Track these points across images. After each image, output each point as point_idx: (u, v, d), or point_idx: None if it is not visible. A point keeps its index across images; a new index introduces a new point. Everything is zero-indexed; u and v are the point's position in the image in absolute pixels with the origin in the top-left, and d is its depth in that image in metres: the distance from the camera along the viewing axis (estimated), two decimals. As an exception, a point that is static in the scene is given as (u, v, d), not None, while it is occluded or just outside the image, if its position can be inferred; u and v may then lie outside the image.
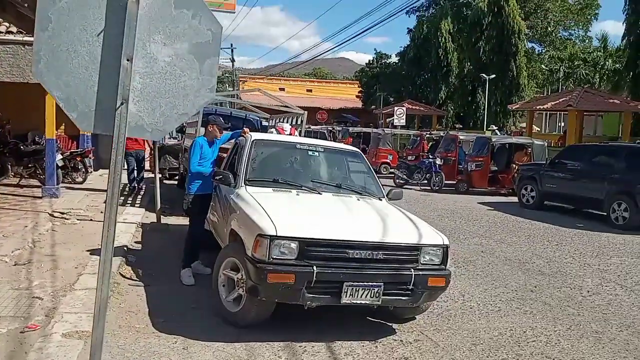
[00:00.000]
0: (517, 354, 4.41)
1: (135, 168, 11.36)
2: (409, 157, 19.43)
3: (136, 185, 11.39)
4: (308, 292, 4.14)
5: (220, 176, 5.30)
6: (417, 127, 35.13)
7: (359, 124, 42.61)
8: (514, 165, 15.37)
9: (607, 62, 33.28)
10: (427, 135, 21.08)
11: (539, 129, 37.12)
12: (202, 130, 7.27)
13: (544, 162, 13.54)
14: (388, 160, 21.34)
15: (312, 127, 31.20)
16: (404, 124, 28.22)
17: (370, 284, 4.23)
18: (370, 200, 5.37)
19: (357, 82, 51.33)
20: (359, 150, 6.45)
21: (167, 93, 2.83)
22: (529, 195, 13.25)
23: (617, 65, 29.78)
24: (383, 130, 23.90)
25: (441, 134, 20.37)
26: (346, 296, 4.19)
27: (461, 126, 33.40)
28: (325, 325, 4.65)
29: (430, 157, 17.18)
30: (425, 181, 16.74)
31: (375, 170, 21.40)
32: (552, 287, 6.45)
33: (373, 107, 43.84)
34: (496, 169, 16.22)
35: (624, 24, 21.47)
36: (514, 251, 8.32)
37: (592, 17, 41.26)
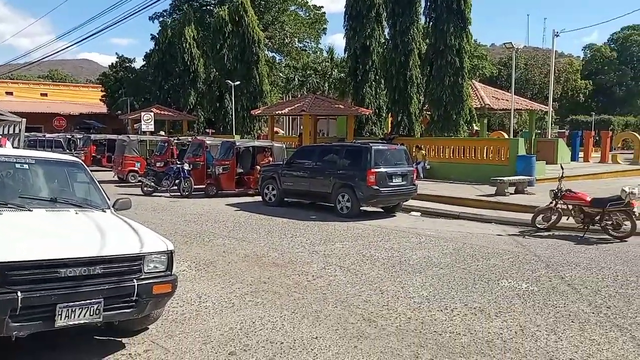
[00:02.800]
0: (244, 344, 4.69)
1: None
2: (157, 164, 18.94)
3: None
4: (13, 320, 3.72)
5: None
6: (167, 132, 34.48)
7: (105, 130, 39.90)
8: (258, 167, 16.29)
9: (333, 72, 37.73)
10: (175, 141, 20.85)
11: (282, 132, 40.11)
12: None
13: (282, 162, 14.69)
14: (136, 168, 20.45)
15: (48, 135, 28.03)
16: (153, 129, 27.44)
17: (88, 301, 4.00)
18: (91, 213, 5.06)
19: (101, 85, 47.86)
20: (79, 160, 6.03)
21: None
22: (270, 194, 14.21)
23: (342, 74, 34.00)
24: (128, 136, 22.78)
25: (189, 140, 20.37)
26: (61, 318, 3.89)
27: (213, 131, 33.98)
28: (42, 349, 4.24)
29: (179, 162, 17.05)
30: (175, 187, 16.56)
31: (122, 179, 20.55)
32: (283, 276, 7.04)
33: (119, 112, 41.50)
34: (242, 171, 16.94)
35: (344, 38, 24.63)
36: (253, 247, 8.82)
37: (322, 31, 46.39)
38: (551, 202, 10.68)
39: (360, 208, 12.39)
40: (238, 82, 29.03)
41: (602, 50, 63.03)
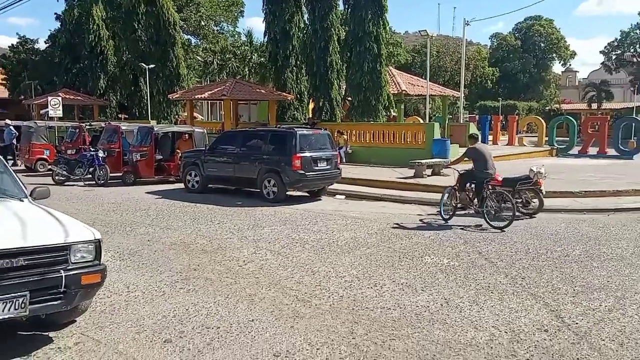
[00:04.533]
0: (180, 331, 4.63)
1: None
2: (69, 151, 17.89)
3: None
4: None
5: None
6: (77, 118, 32.54)
7: (6, 116, 36.95)
8: (179, 153, 15.84)
9: (253, 56, 37.24)
10: (87, 127, 19.74)
11: (202, 117, 39.18)
12: None
13: (204, 148, 14.40)
14: (45, 156, 19.20)
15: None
16: (61, 115, 25.79)
17: (12, 295, 3.78)
18: (8, 203, 4.73)
19: (1, 68, 44.09)
20: (-11, 147, 5.60)
21: None
22: (193, 181, 13.90)
23: (262, 59, 33.64)
24: (35, 122, 21.27)
25: (102, 125, 19.37)
26: (-18, 314, 3.65)
27: (127, 116, 32.48)
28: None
29: (92, 149, 16.21)
30: (90, 175, 15.75)
31: (30, 168, 19.20)
32: (214, 262, 6.97)
33: (22, 97, 38.57)
34: (161, 157, 16.41)
35: (264, 22, 24.35)
36: (179, 235, 8.63)
37: (239, 14, 45.54)
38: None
39: (287, 193, 12.44)
40: (153, 66, 27.92)
41: (507, 39, 66.81)
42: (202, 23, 39.44)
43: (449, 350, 4.30)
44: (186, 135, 16.80)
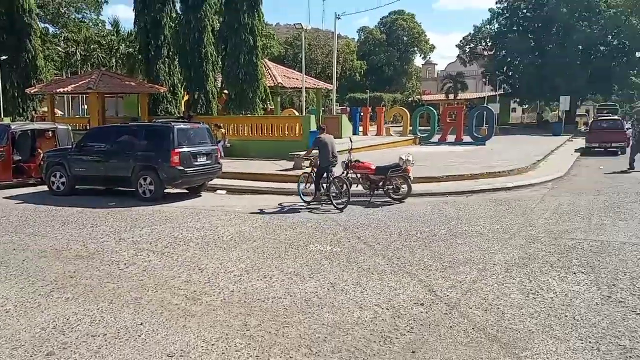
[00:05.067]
0: (62, 342, 4.38)
1: None
2: None
3: None
4: None
5: None
6: None
7: None
8: (40, 152, 14.58)
9: (120, 46, 35.11)
10: None
11: (62, 113, 36.19)
12: None
13: (70, 146, 13.41)
14: None
15: None
16: None
17: None
18: None
19: None
20: None
21: None
22: (59, 182, 12.91)
23: (131, 50, 31.84)
24: None
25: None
26: None
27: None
28: None
29: None
30: None
31: None
32: (92, 268, 6.61)
33: None
34: (20, 158, 14.99)
35: (134, 11, 23.05)
36: (48, 241, 8.03)
37: (103, 2, 42.60)
38: (342, 172, 11.82)
39: (165, 190, 12.07)
40: (6, 57, 25.20)
41: (373, 33, 70.28)
42: (62, 10, 36.22)
43: (339, 331, 4.58)
44: (49, 132, 15.50)
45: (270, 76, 25.41)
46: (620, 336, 4.43)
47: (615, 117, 30.00)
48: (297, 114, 29.25)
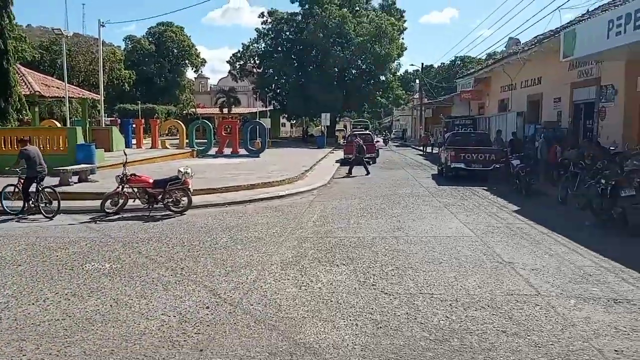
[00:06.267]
0: None
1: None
2: None
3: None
4: None
5: None
6: None
7: None
8: None
9: None
10: None
11: None
12: None
13: None
14: None
15: None
16: None
17: None
18: None
19: None
20: None
21: None
22: None
23: None
24: None
25: None
26: None
27: None
28: None
29: None
30: None
31: None
32: None
33: None
34: None
35: None
36: None
37: None
38: (118, 187, 11.40)
39: None
40: None
41: (142, 42, 67.72)
42: None
43: (126, 343, 4.59)
44: None
45: (26, 84, 22.76)
46: (373, 312, 5.38)
47: (367, 131, 34.66)
48: (59, 125, 26.67)
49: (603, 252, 7.77)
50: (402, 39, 51.47)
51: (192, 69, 74.57)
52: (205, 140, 28.96)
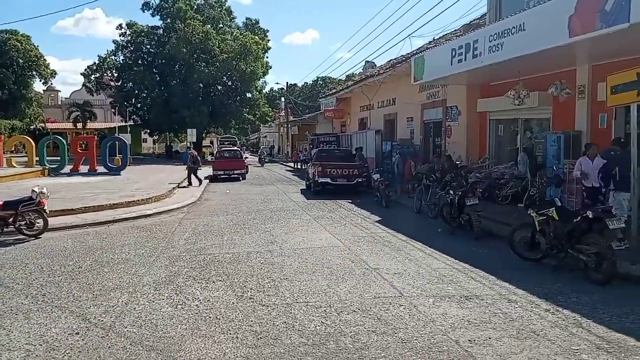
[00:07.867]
0: None
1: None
2: None
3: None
4: None
5: None
6: None
7: None
8: None
9: None
10: None
11: None
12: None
13: None
14: None
15: None
16: None
17: None
18: None
19: None
20: None
21: None
22: None
23: None
24: None
25: None
26: None
27: None
28: None
29: None
30: None
31: None
32: None
33: None
34: None
35: None
36: None
37: None
38: (-43, 211, 10.18)
39: None
40: None
41: (-22, 51, 60.60)
42: None
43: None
44: None
45: None
46: (252, 324, 5.50)
47: (235, 147, 34.62)
48: None
49: (454, 255, 8.73)
50: (267, 57, 52.37)
51: (41, 80, 68.27)
52: (59, 158, 26.73)
